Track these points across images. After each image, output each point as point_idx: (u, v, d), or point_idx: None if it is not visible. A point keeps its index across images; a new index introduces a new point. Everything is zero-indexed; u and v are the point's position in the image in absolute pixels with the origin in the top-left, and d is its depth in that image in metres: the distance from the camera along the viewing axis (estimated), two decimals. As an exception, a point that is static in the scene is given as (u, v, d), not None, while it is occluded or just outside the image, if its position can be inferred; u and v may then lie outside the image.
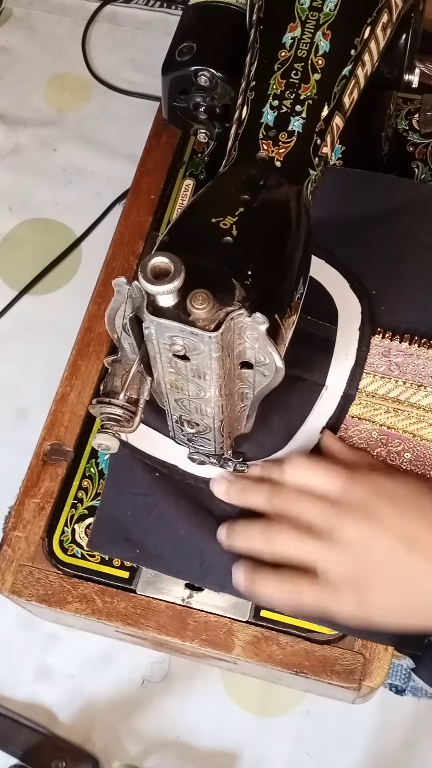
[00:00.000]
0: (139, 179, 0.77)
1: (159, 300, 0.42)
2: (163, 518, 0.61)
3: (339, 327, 0.65)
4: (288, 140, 0.50)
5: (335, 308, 0.65)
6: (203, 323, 0.42)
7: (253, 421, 0.53)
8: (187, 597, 0.61)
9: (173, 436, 0.55)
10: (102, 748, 0.69)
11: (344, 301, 0.66)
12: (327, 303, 0.65)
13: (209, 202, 0.48)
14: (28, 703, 0.71)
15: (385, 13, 0.53)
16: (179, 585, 0.62)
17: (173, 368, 0.47)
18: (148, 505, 0.61)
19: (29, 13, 1.05)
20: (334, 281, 0.66)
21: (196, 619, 0.61)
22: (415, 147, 0.75)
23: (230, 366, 0.46)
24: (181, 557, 0.60)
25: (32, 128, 0.97)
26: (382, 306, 0.65)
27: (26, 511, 0.66)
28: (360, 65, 0.53)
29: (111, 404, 0.50)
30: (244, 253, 0.45)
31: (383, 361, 0.64)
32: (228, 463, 0.60)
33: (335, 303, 0.65)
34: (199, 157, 0.77)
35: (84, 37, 1.02)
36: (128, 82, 0.99)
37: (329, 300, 0.66)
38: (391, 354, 0.64)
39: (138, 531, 0.61)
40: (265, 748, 0.68)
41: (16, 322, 0.87)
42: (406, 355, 0.64)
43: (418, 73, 0.63)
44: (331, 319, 0.65)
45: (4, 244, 0.91)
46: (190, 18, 0.64)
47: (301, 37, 0.52)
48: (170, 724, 0.70)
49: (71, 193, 0.93)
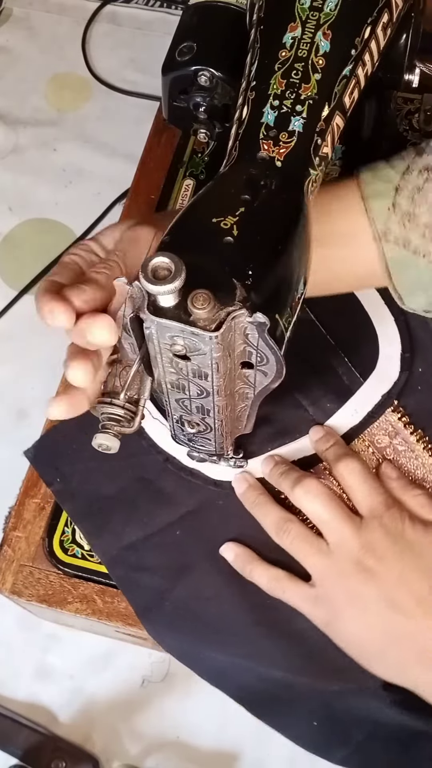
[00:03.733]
0: (139, 179, 0.77)
1: (160, 300, 0.42)
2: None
3: (366, 383, 0.64)
4: (288, 140, 0.50)
5: (374, 364, 0.65)
6: (204, 323, 0.42)
7: (253, 421, 0.53)
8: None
9: (174, 435, 0.55)
10: (102, 748, 0.69)
11: (388, 361, 0.65)
12: (371, 356, 0.65)
13: (209, 202, 0.48)
14: (28, 703, 0.71)
15: (386, 13, 0.53)
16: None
17: (174, 368, 0.47)
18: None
19: (29, 13, 1.05)
20: (391, 342, 0.65)
21: (197, 619, 0.61)
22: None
23: (231, 366, 0.46)
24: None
25: (32, 128, 0.97)
26: (419, 386, 0.64)
27: (26, 511, 0.66)
28: (360, 65, 0.52)
29: (111, 404, 0.50)
30: (245, 253, 0.45)
31: (385, 441, 0.62)
32: (229, 461, 0.60)
33: (378, 360, 0.65)
34: (199, 157, 0.77)
35: (84, 37, 1.02)
36: (128, 82, 0.99)
37: (374, 355, 0.65)
38: (396, 438, 0.62)
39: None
40: (265, 748, 0.68)
41: (16, 322, 0.87)
42: (407, 449, 0.62)
43: (418, 73, 0.62)
44: (365, 370, 0.64)
45: (4, 244, 0.91)
46: (190, 18, 0.64)
47: (301, 37, 0.51)
48: (170, 724, 0.70)
49: (71, 193, 0.93)
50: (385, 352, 0.65)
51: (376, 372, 0.64)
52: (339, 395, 0.63)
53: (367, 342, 0.65)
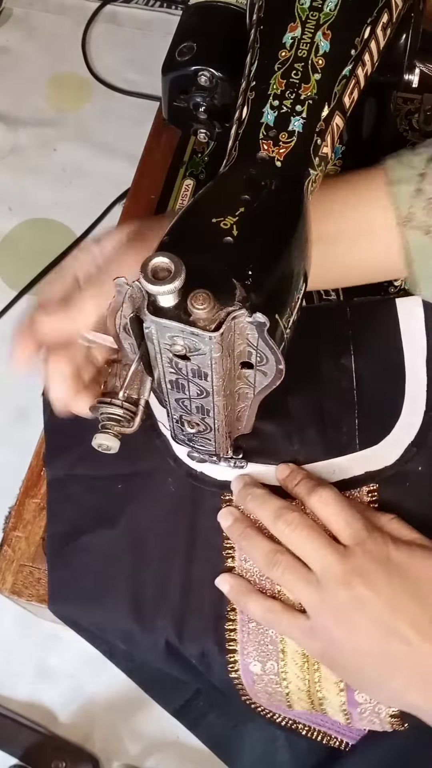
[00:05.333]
0: (139, 179, 0.77)
1: (159, 300, 0.42)
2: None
3: (359, 453, 0.60)
4: (288, 140, 0.50)
5: (379, 439, 0.61)
6: (204, 323, 0.42)
7: (253, 421, 0.53)
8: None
9: (173, 435, 0.55)
10: (102, 748, 0.69)
11: (392, 445, 0.61)
12: (382, 428, 0.61)
13: (209, 202, 0.48)
14: (28, 703, 0.71)
15: (386, 13, 0.53)
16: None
17: (174, 368, 0.47)
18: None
19: (29, 13, 1.05)
20: (408, 429, 0.61)
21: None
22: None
23: (231, 366, 0.46)
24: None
25: (32, 128, 0.97)
26: (407, 482, 0.60)
27: (26, 511, 0.66)
28: (360, 65, 0.52)
29: (111, 404, 0.50)
30: (245, 253, 0.45)
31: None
32: (228, 462, 0.60)
33: (385, 438, 0.61)
34: (199, 157, 0.77)
35: (84, 37, 1.03)
36: (128, 82, 0.99)
37: (385, 431, 0.61)
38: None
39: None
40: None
41: (16, 322, 0.87)
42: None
43: (418, 73, 0.62)
44: (367, 440, 0.61)
45: (4, 244, 0.91)
46: (190, 18, 0.64)
47: (301, 37, 0.51)
48: (170, 724, 0.70)
49: (71, 193, 0.93)
50: (396, 434, 0.61)
51: (376, 448, 0.61)
52: (328, 450, 0.61)
53: (387, 411, 0.61)
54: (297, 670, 0.56)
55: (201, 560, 0.59)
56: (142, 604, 0.59)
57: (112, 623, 0.60)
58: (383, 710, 0.55)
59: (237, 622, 0.58)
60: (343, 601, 0.53)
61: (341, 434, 0.61)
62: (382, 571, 0.53)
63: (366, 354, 0.63)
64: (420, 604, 0.52)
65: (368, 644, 0.52)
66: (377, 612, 0.52)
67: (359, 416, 0.62)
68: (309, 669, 0.56)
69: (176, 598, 0.59)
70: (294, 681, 0.56)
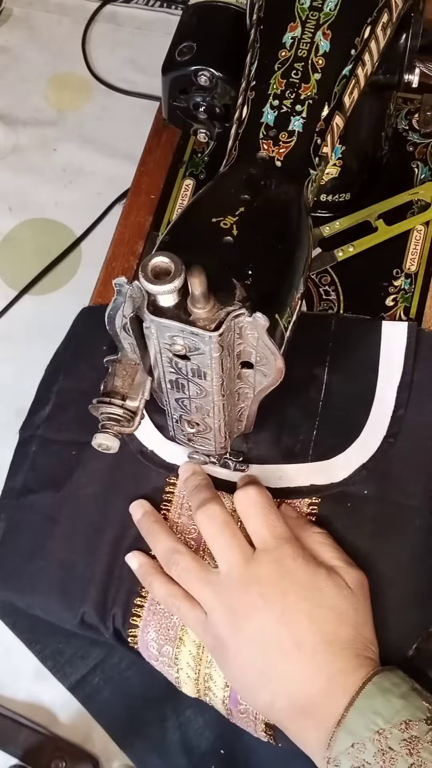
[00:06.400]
0: (139, 179, 0.77)
1: (159, 300, 0.42)
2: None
3: (309, 464, 0.60)
4: (288, 140, 0.50)
5: (334, 454, 0.60)
6: (204, 323, 0.42)
7: (253, 421, 0.53)
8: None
9: (173, 435, 0.55)
10: (102, 748, 0.69)
11: (346, 461, 0.60)
12: (340, 443, 0.60)
13: (209, 201, 0.48)
14: (28, 703, 0.71)
15: (385, 13, 0.53)
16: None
17: (174, 368, 0.47)
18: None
19: (29, 13, 1.05)
20: (361, 449, 0.60)
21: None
22: (415, 147, 0.75)
23: (231, 366, 0.46)
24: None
25: (32, 128, 0.97)
26: (349, 503, 0.59)
27: (26, 511, 0.66)
28: (360, 65, 0.53)
29: (111, 404, 0.50)
30: (245, 253, 0.45)
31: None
32: (228, 464, 0.60)
33: (340, 454, 0.60)
34: (199, 157, 0.77)
35: (84, 37, 1.02)
36: (128, 82, 0.99)
37: (342, 446, 0.60)
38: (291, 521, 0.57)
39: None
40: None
41: (16, 322, 0.87)
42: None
43: (418, 73, 0.62)
44: (322, 453, 0.60)
45: (4, 244, 0.91)
46: (190, 18, 0.64)
47: (301, 37, 0.52)
48: (170, 724, 0.70)
49: (71, 193, 0.93)
50: (350, 453, 0.60)
51: (327, 463, 0.60)
52: (279, 455, 0.60)
53: (348, 429, 0.61)
54: (190, 659, 0.57)
55: (133, 536, 0.60)
56: (69, 568, 0.60)
57: (36, 583, 0.60)
58: (260, 717, 0.55)
59: (146, 599, 0.59)
60: (236, 605, 0.53)
61: (296, 442, 0.61)
62: (282, 583, 0.52)
63: (341, 369, 0.63)
64: (310, 623, 0.51)
65: (250, 652, 0.52)
66: (265, 622, 0.52)
67: (318, 428, 0.61)
68: (202, 660, 0.57)
69: (102, 568, 0.59)
70: (185, 668, 0.57)
